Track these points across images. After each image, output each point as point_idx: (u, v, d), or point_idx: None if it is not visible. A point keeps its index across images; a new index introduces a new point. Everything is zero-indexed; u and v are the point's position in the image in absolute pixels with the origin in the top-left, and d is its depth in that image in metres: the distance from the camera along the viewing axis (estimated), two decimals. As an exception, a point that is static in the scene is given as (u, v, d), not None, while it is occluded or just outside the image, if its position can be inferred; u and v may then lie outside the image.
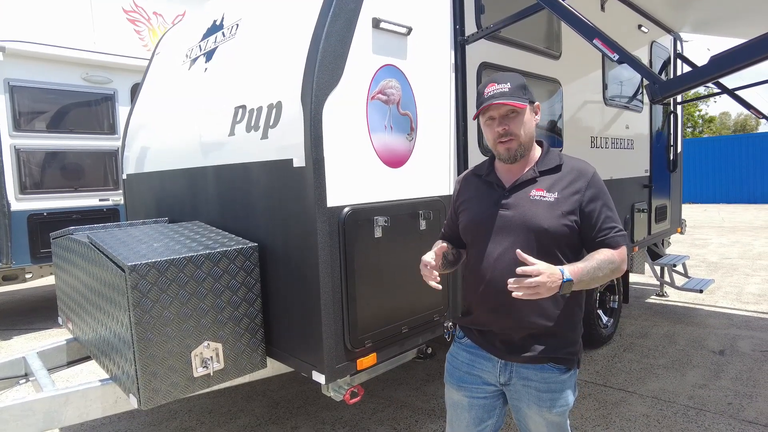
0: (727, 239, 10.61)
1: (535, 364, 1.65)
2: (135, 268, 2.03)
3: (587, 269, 1.52)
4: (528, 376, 1.66)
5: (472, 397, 1.76)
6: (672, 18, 5.30)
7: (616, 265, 1.58)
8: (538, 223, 1.60)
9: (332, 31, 2.18)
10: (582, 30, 2.24)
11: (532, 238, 1.60)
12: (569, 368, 1.67)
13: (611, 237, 1.60)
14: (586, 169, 1.67)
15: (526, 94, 1.64)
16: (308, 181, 2.14)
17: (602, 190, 1.65)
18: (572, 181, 1.64)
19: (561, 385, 1.66)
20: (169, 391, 2.15)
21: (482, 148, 2.97)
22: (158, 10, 6.86)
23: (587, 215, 1.61)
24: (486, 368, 1.73)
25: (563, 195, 1.62)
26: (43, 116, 5.67)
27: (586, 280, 1.53)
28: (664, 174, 5.71)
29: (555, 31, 3.65)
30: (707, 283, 5.41)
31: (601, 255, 1.57)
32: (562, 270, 1.47)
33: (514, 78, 1.65)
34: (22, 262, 5.50)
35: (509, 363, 1.69)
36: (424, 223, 2.56)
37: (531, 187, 1.66)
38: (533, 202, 1.63)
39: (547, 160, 1.70)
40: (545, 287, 1.42)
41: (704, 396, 3.46)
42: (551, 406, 1.64)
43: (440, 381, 3.84)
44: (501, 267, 1.62)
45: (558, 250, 1.62)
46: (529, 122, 1.65)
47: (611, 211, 1.64)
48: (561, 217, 1.60)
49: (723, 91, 5.08)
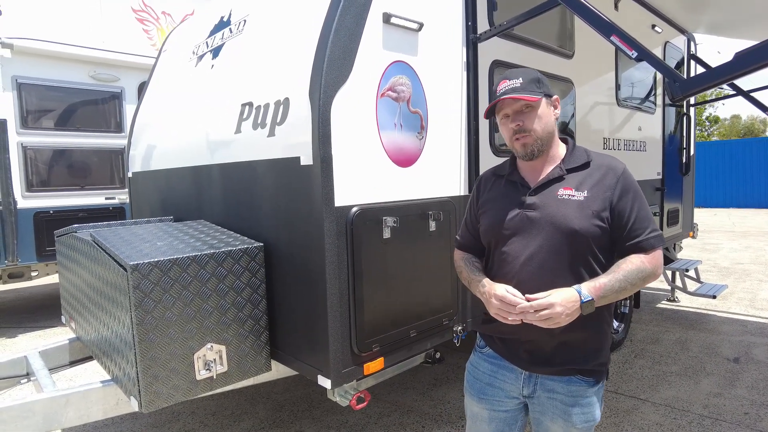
0: (738, 244, 10.46)
1: (561, 377, 1.55)
2: (137, 267, 1.98)
3: (611, 284, 1.43)
4: (554, 389, 1.56)
5: (492, 410, 1.67)
6: (686, 19, 5.21)
7: (647, 273, 1.46)
8: (567, 224, 1.49)
9: (342, 26, 2.13)
10: (598, 26, 2.17)
11: (562, 241, 1.50)
12: (598, 381, 1.57)
13: (644, 239, 1.47)
14: (616, 165, 1.55)
15: (540, 87, 1.55)
16: (315, 179, 2.08)
17: (634, 187, 1.52)
18: (602, 178, 1.52)
19: (588, 399, 1.55)
20: (170, 394, 2.09)
21: (493, 147, 2.91)
22: (167, 9, 6.86)
23: (618, 214, 1.49)
24: (509, 380, 1.64)
25: (593, 193, 1.51)
26: (50, 114, 5.67)
27: (611, 296, 1.43)
28: (677, 177, 5.61)
29: (568, 29, 3.58)
30: (720, 288, 5.30)
31: (629, 265, 1.46)
32: (579, 290, 1.41)
33: (527, 72, 1.57)
34: (28, 260, 5.49)
35: (534, 375, 1.59)
36: (434, 224, 2.49)
37: (558, 185, 1.55)
38: (561, 202, 1.52)
39: (574, 157, 1.59)
40: (561, 317, 1.38)
41: (719, 405, 3.36)
42: (577, 421, 1.54)
43: (448, 385, 3.77)
44: (528, 272, 1.52)
45: (589, 252, 1.50)
46: (546, 116, 1.56)
47: (644, 210, 1.51)
48: (592, 217, 1.48)
49: (738, 93, 4.97)
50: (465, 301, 2.74)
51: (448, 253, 2.60)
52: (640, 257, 1.47)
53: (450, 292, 2.63)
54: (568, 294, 1.40)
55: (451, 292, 2.63)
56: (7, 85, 5.34)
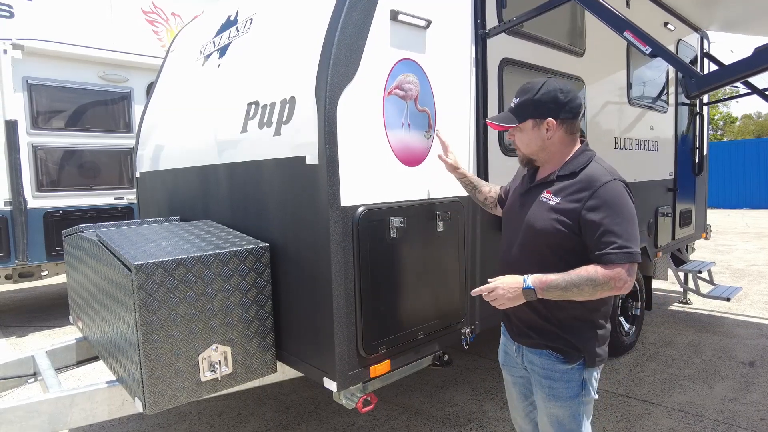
0: (752, 245, 10.28)
1: (535, 349, 1.76)
2: (142, 267, 1.96)
3: (556, 281, 1.56)
4: (532, 360, 1.78)
5: (512, 375, 1.95)
6: (699, 16, 5.12)
7: (598, 283, 1.53)
8: (532, 222, 1.70)
9: (348, 23, 2.09)
10: (611, 22, 2.12)
11: (530, 236, 1.71)
12: (567, 360, 1.69)
13: (605, 254, 1.54)
14: (597, 179, 1.61)
15: (532, 112, 1.67)
16: (321, 179, 2.05)
17: (609, 202, 1.56)
18: (578, 190, 1.62)
19: (560, 374, 1.70)
20: (175, 396, 2.07)
21: (503, 147, 2.86)
22: (176, 10, 6.89)
23: (587, 225, 1.58)
24: (511, 349, 1.91)
25: (563, 201, 1.65)
26: (60, 114, 5.70)
27: (556, 292, 1.57)
28: (689, 177, 5.52)
29: (579, 27, 3.52)
30: (735, 290, 5.20)
31: (582, 271, 1.55)
32: (526, 279, 1.60)
33: (529, 91, 1.69)
34: (38, 259, 5.53)
35: (520, 346, 1.83)
36: (441, 225, 2.45)
37: (545, 188, 1.73)
38: (538, 203, 1.71)
39: (569, 165, 1.70)
40: (505, 297, 1.61)
41: (734, 410, 3.29)
42: (550, 395, 1.72)
43: (456, 387, 3.72)
44: (512, 256, 1.77)
45: (551, 251, 1.65)
46: (535, 139, 1.71)
47: (616, 225, 1.54)
48: (553, 221, 1.63)
49: (753, 91, 4.87)
50: (474, 303, 2.69)
51: (456, 254, 2.56)
52: (596, 267, 1.54)
53: (458, 293, 2.59)
54: (513, 280, 1.62)
55: (459, 293, 2.59)
56: (17, 85, 5.38)
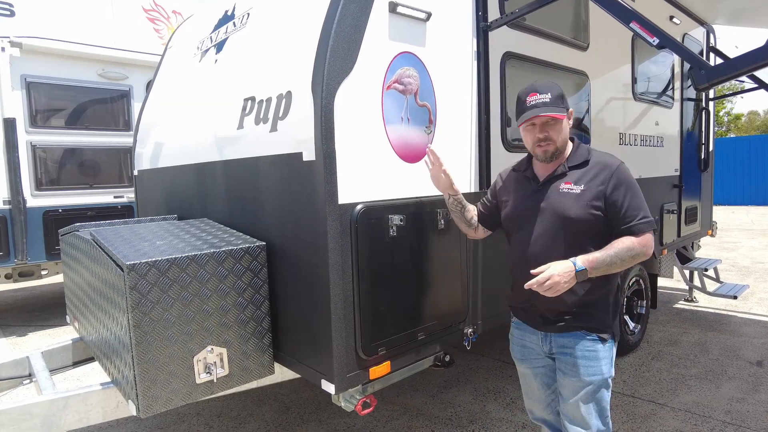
0: (758, 242, 10.18)
1: (568, 333, 1.84)
2: (134, 267, 1.91)
3: (602, 258, 1.70)
4: (564, 344, 1.86)
5: (532, 367, 2.01)
6: (705, 9, 5.03)
7: (635, 251, 1.71)
8: (565, 213, 1.79)
9: (345, 15, 2.03)
10: (617, 12, 2.05)
11: (561, 226, 1.80)
12: (602, 338, 1.82)
13: (635, 224, 1.73)
14: (611, 161, 1.82)
15: (563, 104, 1.81)
16: (318, 176, 1.99)
17: (626, 180, 1.77)
18: (597, 174, 1.80)
19: (595, 353, 1.81)
20: (169, 399, 2.02)
21: (506, 143, 2.80)
22: (178, 8, 6.85)
23: (612, 204, 1.75)
24: (533, 340, 1.97)
25: (589, 187, 1.79)
26: (58, 112, 5.66)
27: (603, 267, 1.70)
28: (695, 174, 5.44)
29: (582, 20, 3.45)
30: (741, 288, 5.12)
31: (620, 243, 1.72)
32: (575, 261, 1.69)
33: (554, 87, 1.80)
34: (38, 258, 5.50)
35: (548, 334, 1.90)
36: (442, 222, 2.39)
37: (561, 180, 1.85)
38: (562, 194, 1.82)
39: (576, 156, 1.87)
40: (560, 285, 1.66)
41: (743, 411, 3.22)
42: (584, 374, 1.81)
43: (458, 388, 3.67)
44: (535, 252, 1.84)
45: (585, 236, 1.78)
46: (566, 128, 1.84)
47: (636, 199, 1.76)
48: (586, 207, 1.77)
49: (760, 85, 4.79)
50: (476, 303, 2.64)
51: (457, 252, 2.50)
52: (630, 238, 1.73)
53: (460, 293, 2.53)
54: (565, 265, 1.69)
55: (461, 293, 2.53)
56: (16, 84, 5.34)
